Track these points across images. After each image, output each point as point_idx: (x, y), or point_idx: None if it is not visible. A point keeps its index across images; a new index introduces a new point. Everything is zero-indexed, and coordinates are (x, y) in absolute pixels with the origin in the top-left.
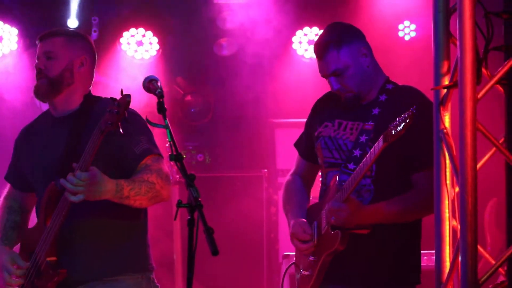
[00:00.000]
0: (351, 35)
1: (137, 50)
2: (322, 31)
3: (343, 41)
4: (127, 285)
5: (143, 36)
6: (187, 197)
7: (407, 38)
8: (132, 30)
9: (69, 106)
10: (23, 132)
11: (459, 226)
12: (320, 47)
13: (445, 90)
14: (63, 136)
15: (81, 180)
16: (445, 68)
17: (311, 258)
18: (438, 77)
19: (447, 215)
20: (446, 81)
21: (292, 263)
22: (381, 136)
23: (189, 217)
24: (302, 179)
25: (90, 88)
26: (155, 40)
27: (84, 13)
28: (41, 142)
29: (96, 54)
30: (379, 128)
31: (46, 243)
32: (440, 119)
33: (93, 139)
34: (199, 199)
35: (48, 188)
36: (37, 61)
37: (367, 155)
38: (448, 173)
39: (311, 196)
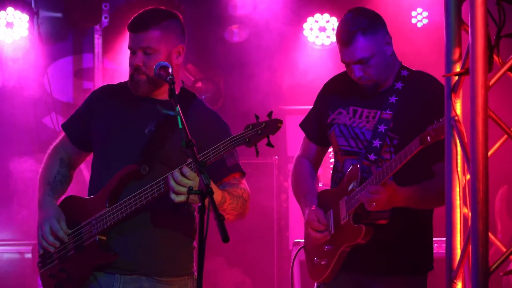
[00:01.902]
0: (377, 23)
1: None
2: (333, 17)
3: (371, 29)
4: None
5: None
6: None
7: (419, 25)
8: None
9: (165, 94)
10: (102, 89)
11: (470, 214)
12: (347, 35)
13: (456, 77)
14: (154, 118)
15: (189, 179)
16: (456, 55)
17: (327, 247)
18: (449, 64)
19: (458, 202)
20: (457, 68)
21: (302, 247)
22: (418, 139)
23: (199, 204)
24: (311, 163)
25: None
26: None
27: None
28: (126, 114)
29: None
30: (398, 118)
31: (104, 222)
32: (451, 106)
33: (224, 144)
34: (210, 186)
35: (126, 169)
36: (132, 53)
37: (400, 153)
38: (459, 161)
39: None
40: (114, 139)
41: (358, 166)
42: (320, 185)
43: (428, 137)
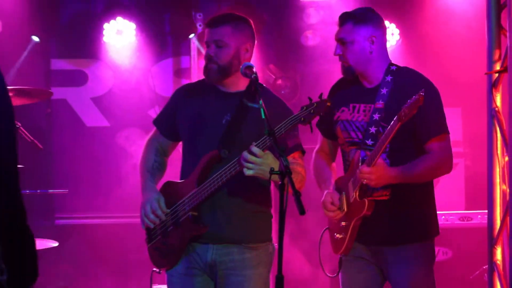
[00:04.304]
0: (370, 20)
1: None
2: (386, 21)
3: (361, 21)
4: (260, 252)
5: None
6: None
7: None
8: None
9: (237, 86)
10: (185, 87)
11: (508, 190)
12: (342, 16)
13: (496, 74)
14: (229, 110)
15: (256, 156)
16: (496, 55)
17: (342, 223)
18: (490, 63)
19: (498, 180)
20: (497, 67)
21: (326, 228)
22: (396, 117)
23: (280, 182)
24: (327, 155)
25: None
26: None
27: (189, 10)
28: (205, 106)
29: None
30: (389, 106)
31: (194, 200)
32: (492, 99)
33: (285, 124)
34: (289, 167)
35: (210, 154)
36: (207, 47)
37: (385, 132)
38: (499, 145)
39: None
40: (197, 129)
41: (359, 152)
42: None
43: (403, 114)
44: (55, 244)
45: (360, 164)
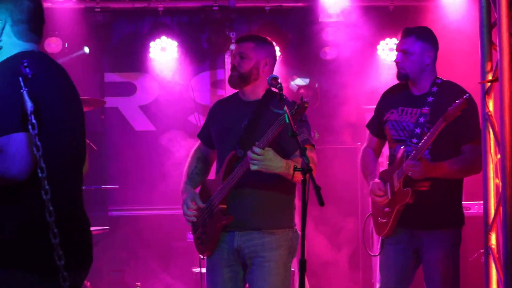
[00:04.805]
0: (430, 39)
1: None
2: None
3: (422, 38)
4: (279, 237)
5: None
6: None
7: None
8: None
9: (255, 95)
10: (217, 103)
11: (500, 183)
12: (407, 31)
13: (489, 84)
14: (247, 115)
15: (258, 154)
16: (488, 67)
17: (386, 209)
18: (484, 74)
19: (491, 175)
20: (490, 77)
21: (369, 214)
22: (441, 117)
23: (302, 178)
24: (373, 151)
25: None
26: (277, 49)
27: (224, 30)
28: (229, 115)
29: (277, 57)
30: (433, 112)
31: (221, 194)
32: (485, 105)
33: (272, 128)
34: (310, 164)
35: (230, 155)
36: (232, 58)
37: (430, 131)
38: (492, 144)
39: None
40: (222, 135)
41: (404, 148)
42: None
43: (448, 115)
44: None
45: (405, 159)
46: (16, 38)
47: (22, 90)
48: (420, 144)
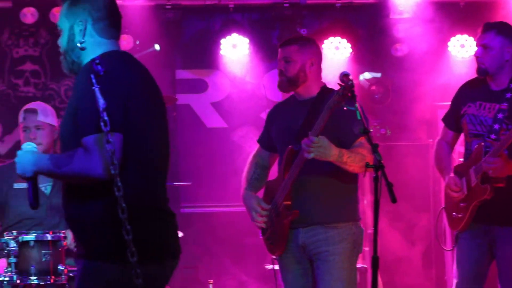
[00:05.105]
0: (510, 35)
1: (335, 53)
2: (471, 37)
3: (503, 33)
4: (342, 231)
5: (339, 42)
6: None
7: None
8: (331, 39)
9: (308, 94)
10: (275, 106)
11: None
12: (488, 25)
13: None
14: (302, 114)
15: (313, 142)
16: None
17: (462, 204)
18: None
19: None
20: None
21: (442, 208)
22: None
23: (374, 175)
24: (448, 144)
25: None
26: (348, 45)
27: (294, 27)
28: (286, 116)
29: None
30: None
31: (284, 191)
32: None
33: (323, 114)
34: (382, 161)
35: (287, 150)
36: (278, 63)
37: (510, 127)
38: None
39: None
40: (281, 134)
41: (482, 143)
42: None
43: None
44: (180, 234)
45: (483, 153)
46: (98, 36)
47: (93, 87)
48: (500, 140)
